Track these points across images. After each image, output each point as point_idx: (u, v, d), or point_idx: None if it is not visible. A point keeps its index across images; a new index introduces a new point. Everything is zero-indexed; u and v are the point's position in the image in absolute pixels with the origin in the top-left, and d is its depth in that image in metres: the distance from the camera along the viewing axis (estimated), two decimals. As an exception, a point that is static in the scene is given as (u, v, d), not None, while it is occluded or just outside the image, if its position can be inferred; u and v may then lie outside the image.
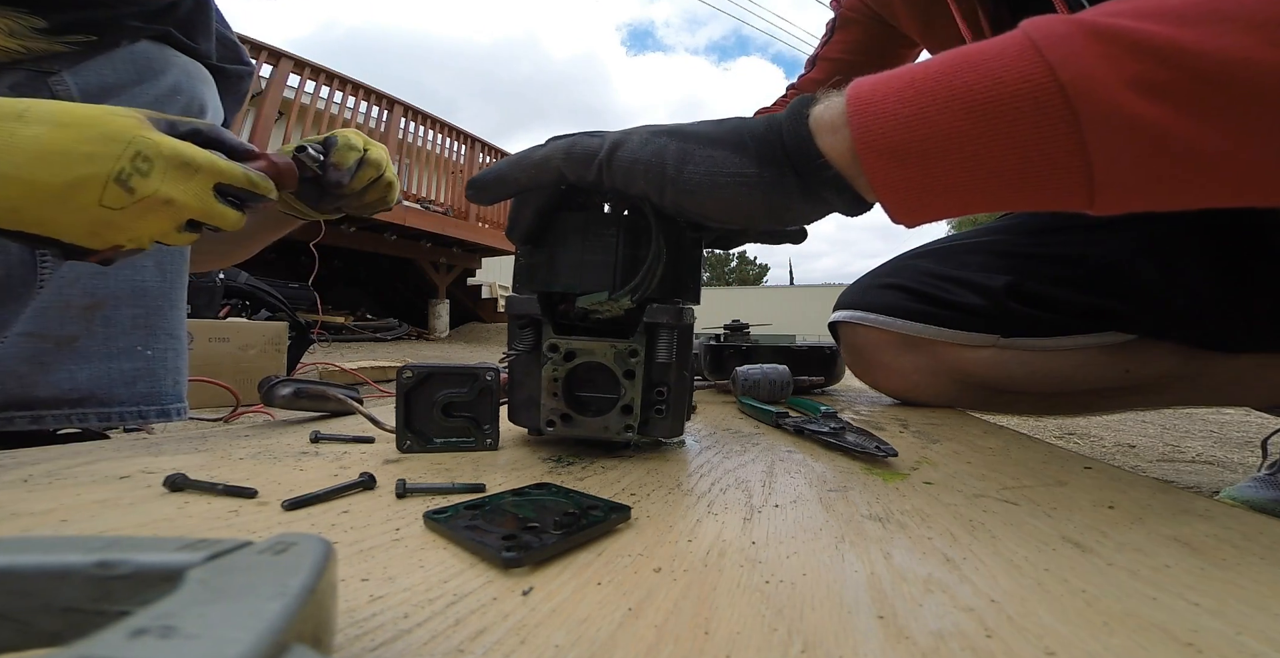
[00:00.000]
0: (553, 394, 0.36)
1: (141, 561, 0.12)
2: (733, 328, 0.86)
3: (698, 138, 0.31)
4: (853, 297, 0.70)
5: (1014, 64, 0.24)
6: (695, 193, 0.30)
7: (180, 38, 0.57)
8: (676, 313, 0.36)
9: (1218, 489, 0.71)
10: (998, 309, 0.60)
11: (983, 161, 0.25)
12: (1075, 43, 0.24)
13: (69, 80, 0.50)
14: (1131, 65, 0.23)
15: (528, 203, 0.36)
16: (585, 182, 0.32)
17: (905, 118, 0.26)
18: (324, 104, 4.07)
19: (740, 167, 0.29)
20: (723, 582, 0.20)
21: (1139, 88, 0.23)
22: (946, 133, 0.25)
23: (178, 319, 0.60)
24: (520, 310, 0.37)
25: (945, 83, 0.25)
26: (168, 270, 0.58)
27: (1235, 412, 1.46)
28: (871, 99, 0.27)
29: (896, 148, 0.26)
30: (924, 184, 0.27)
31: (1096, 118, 0.23)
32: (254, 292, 2.41)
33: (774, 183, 0.29)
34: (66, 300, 0.51)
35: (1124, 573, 0.21)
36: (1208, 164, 0.24)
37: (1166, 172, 0.24)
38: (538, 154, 0.33)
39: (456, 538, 0.22)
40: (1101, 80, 0.23)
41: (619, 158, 0.31)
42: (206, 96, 0.59)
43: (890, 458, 0.37)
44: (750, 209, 0.30)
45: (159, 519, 0.25)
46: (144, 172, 0.35)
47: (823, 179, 0.29)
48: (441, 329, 5.34)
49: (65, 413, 0.51)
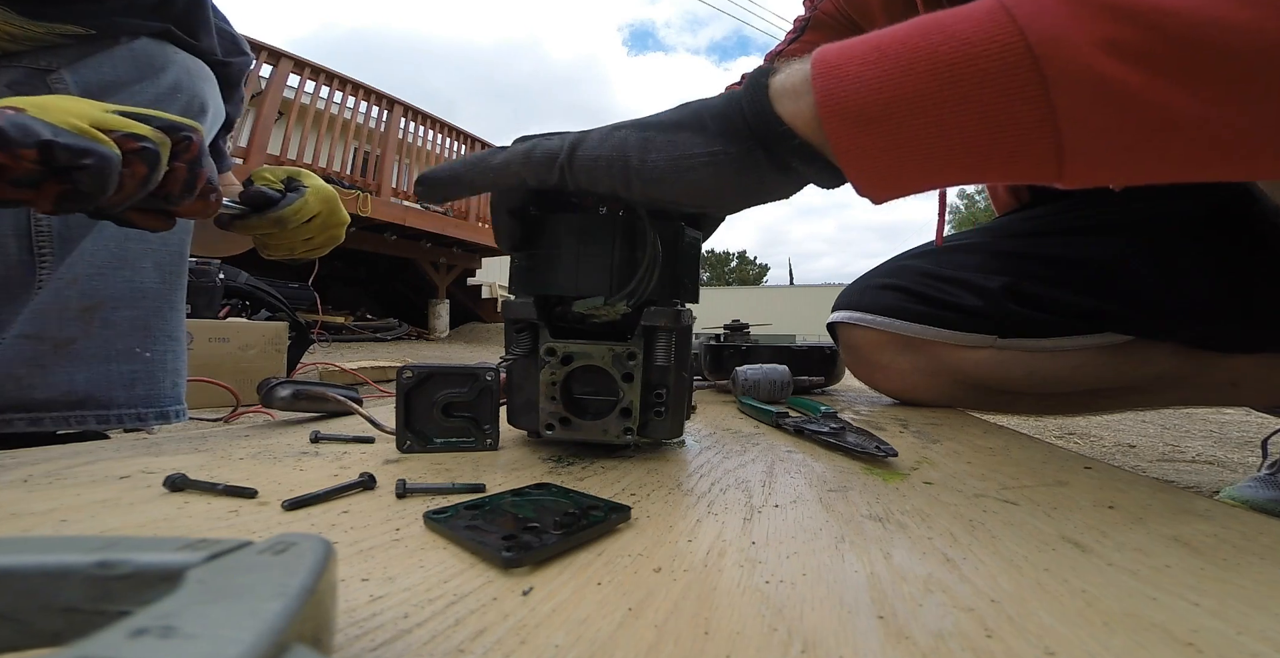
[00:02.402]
0: (551, 398, 0.36)
1: (141, 561, 0.12)
2: (733, 328, 0.85)
3: (658, 126, 0.29)
4: (851, 297, 0.70)
5: (982, 25, 0.23)
6: (662, 181, 0.29)
7: (180, 35, 0.57)
8: (674, 315, 0.36)
9: (1218, 489, 0.71)
10: (995, 310, 0.60)
11: (949, 127, 0.24)
12: (1045, 2, 0.23)
13: (68, 77, 0.50)
14: (1103, 26, 0.22)
15: (498, 208, 0.36)
16: (548, 185, 0.31)
17: (870, 80, 0.25)
18: (324, 104, 4.06)
19: (704, 146, 0.28)
20: (723, 582, 0.20)
21: (1110, 49, 0.22)
22: (912, 96, 0.24)
23: (177, 321, 0.60)
24: (517, 315, 0.37)
25: (912, 45, 0.24)
26: (167, 272, 0.58)
27: (1235, 412, 1.46)
28: (837, 62, 0.26)
29: (861, 111, 0.25)
30: (889, 150, 0.25)
31: (1065, 80, 0.22)
32: (254, 292, 2.41)
33: (741, 159, 0.28)
34: (65, 302, 0.51)
35: (1124, 573, 0.21)
36: (1180, 130, 0.23)
37: (1137, 138, 0.23)
38: (497, 159, 0.31)
39: (456, 538, 0.22)
40: (1071, 41, 0.22)
41: (579, 157, 0.29)
42: (207, 94, 0.59)
43: (890, 458, 0.37)
44: (720, 190, 0.29)
45: (159, 519, 0.25)
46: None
47: (790, 149, 0.28)
48: (441, 329, 5.34)
49: (63, 415, 0.51)
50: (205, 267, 1.90)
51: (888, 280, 0.68)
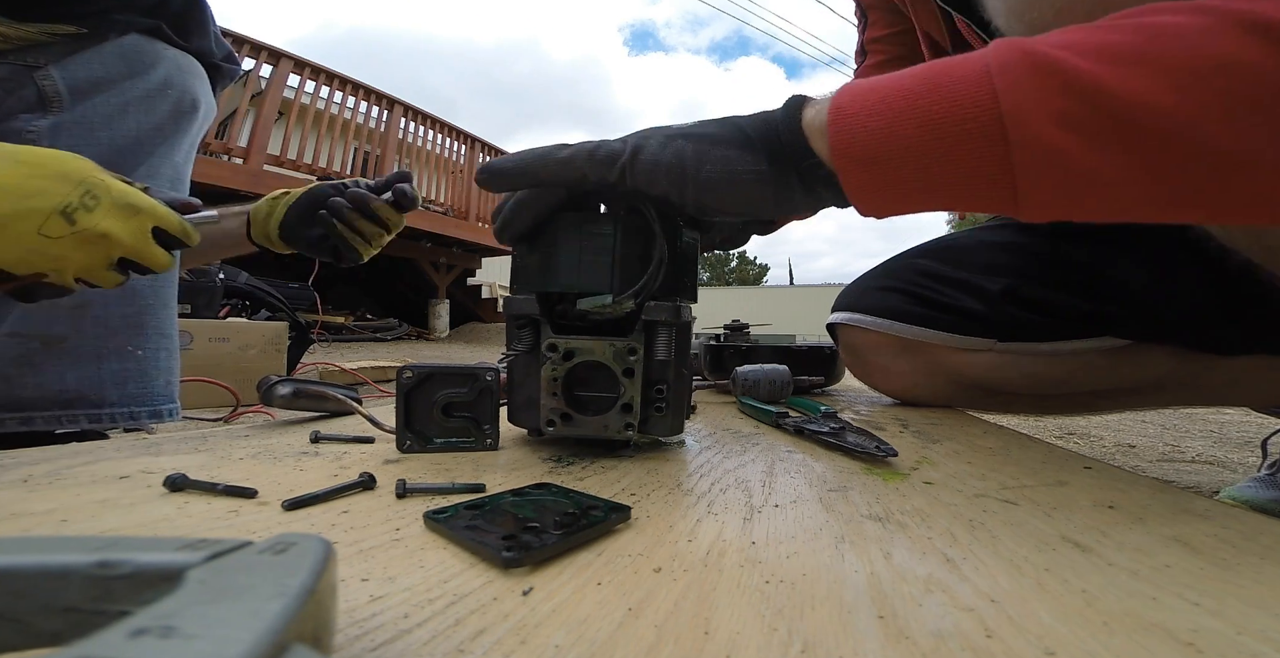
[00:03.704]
0: (552, 394, 0.36)
1: (141, 561, 0.12)
2: (733, 328, 0.85)
3: (710, 139, 0.34)
4: (850, 298, 0.70)
5: (969, 90, 0.29)
6: (714, 189, 0.34)
7: (170, 33, 0.57)
8: (675, 310, 0.36)
9: (1218, 489, 0.71)
10: (995, 314, 0.60)
11: (933, 172, 0.30)
12: (1019, 74, 0.28)
13: (55, 74, 0.50)
14: (1059, 100, 0.27)
15: (529, 206, 0.37)
16: (606, 182, 0.35)
17: (874, 130, 0.31)
18: (324, 104, 4.07)
19: (753, 164, 0.33)
20: (723, 582, 0.20)
21: (1060, 120, 0.27)
22: (907, 146, 0.30)
23: (169, 318, 0.59)
24: (518, 311, 0.37)
25: (913, 102, 0.30)
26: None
27: (1235, 412, 1.46)
28: (850, 111, 0.31)
29: (864, 155, 0.31)
30: (885, 187, 0.32)
31: (1023, 144, 0.28)
32: (254, 292, 2.41)
33: (780, 177, 0.33)
34: (54, 300, 0.51)
35: (1124, 573, 0.21)
36: (1109, 188, 0.28)
37: (1075, 191, 0.29)
38: (563, 153, 0.35)
39: (456, 538, 0.22)
40: (1032, 113, 0.27)
41: (642, 160, 0.34)
42: (199, 90, 0.59)
43: (890, 458, 0.37)
44: (761, 201, 0.34)
45: (159, 519, 0.25)
46: (90, 207, 0.36)
47: (817, 177, 0.33)
48: (441, 329, 5.34)
49: (55, 414, 0.50)
50: (205, 267, 1.90)
51: (887, 282, 0.68)
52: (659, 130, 0.35)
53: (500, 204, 0.38)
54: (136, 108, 0.54)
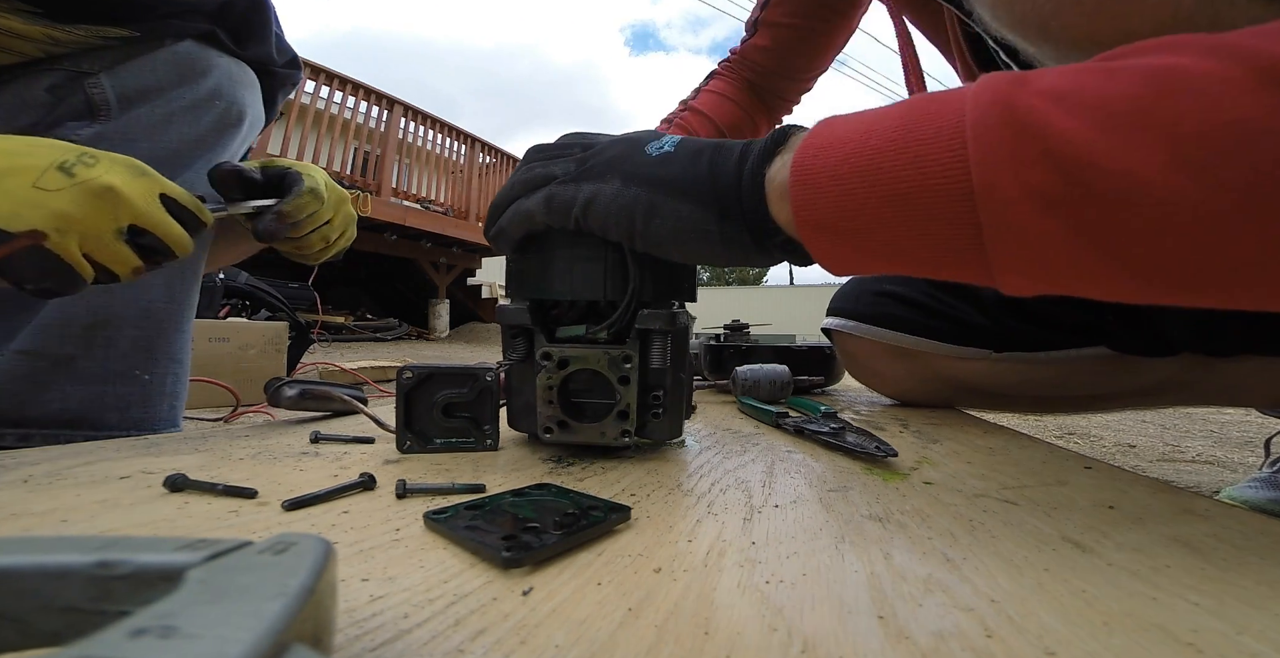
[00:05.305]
0: (548, 402, 0.36)
1: (141, 561, 0.12)
2: (733, 328, 0.85)
3: (668, 187, 0.33)
4: (845, 303, 0.69)
5: (940, 155, 0.25)
6: (661, 245, 0.34)
7: (225, 40, 0.56)
8: (669, 318, 0.36)
9: (1218, 489, 0.71)
10: (993, 324, 0.60)
11: (902, 245, 0.28)
12: (996, 138, 0.24)
13: (105, 82, 0.49)
14: (1038, 174, 0.23)
15: (520, 226, 0.37)
16: (566, 228, 0.35)
17: (836, 197, 0.28)
18: (324, 104, 4.07)
19: (702, 223, 0.32)
20: (723, 582, 0.20)
21: (1036, 199, 0.24)
22: (872, 218, 0.27)
23: (182, 342, 0.58)
24: (512, 320, 0.38)
25: (879, 164, 0.27)
26: (176, 292, 0.56)
27: (1235, 412, 1.46)
28: (814, 169, 0.29)
29: (829, 225, 0.29)
30: (852, 256, 0.30)
31: (995, 225, 0.25)
32: (254, 292, 2.41)
33: (730, 238, 0.32)
34: (69, 318, 0.50)
35: (1124, 573, 0.21)
36: (1092, 275, 0.25)
37: (1056, 279, 0.26)
38: (524, 207, 0.36)
39: (456, 538, 0.22)
40: (1005, 190, 0.24)
41: (593, 212, 0.34)
42: (246, 101, 0.57)
43: (890, 458, 0.37)
44: (710, 257, 0.34)
45: (159, 519, 0.25)
46: (89, 164, 0.35)
47: (775, 243, 0.32)
48: (441, 329, 5.34)
49: (54, 433, 0.50)
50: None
51: (883, 287, 0.67)
52: (626, 164, 0.34)
53: (490, 210, 0.39)
54: (181, 118, 0.53)
